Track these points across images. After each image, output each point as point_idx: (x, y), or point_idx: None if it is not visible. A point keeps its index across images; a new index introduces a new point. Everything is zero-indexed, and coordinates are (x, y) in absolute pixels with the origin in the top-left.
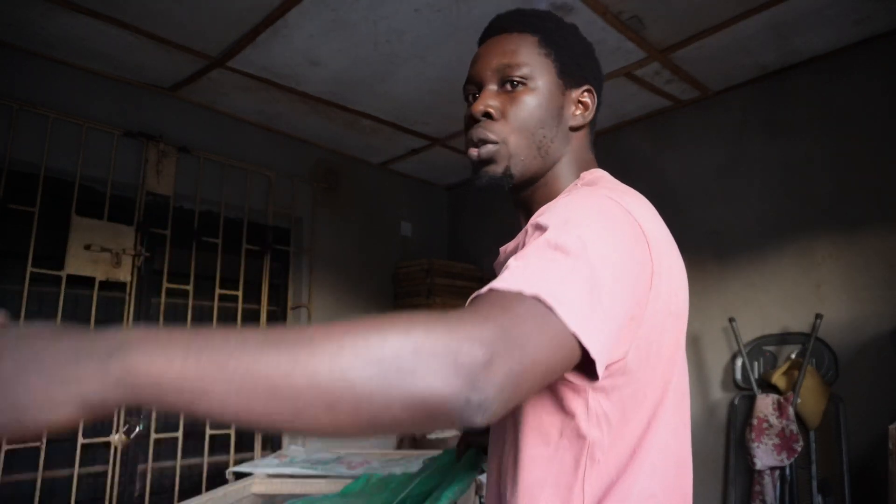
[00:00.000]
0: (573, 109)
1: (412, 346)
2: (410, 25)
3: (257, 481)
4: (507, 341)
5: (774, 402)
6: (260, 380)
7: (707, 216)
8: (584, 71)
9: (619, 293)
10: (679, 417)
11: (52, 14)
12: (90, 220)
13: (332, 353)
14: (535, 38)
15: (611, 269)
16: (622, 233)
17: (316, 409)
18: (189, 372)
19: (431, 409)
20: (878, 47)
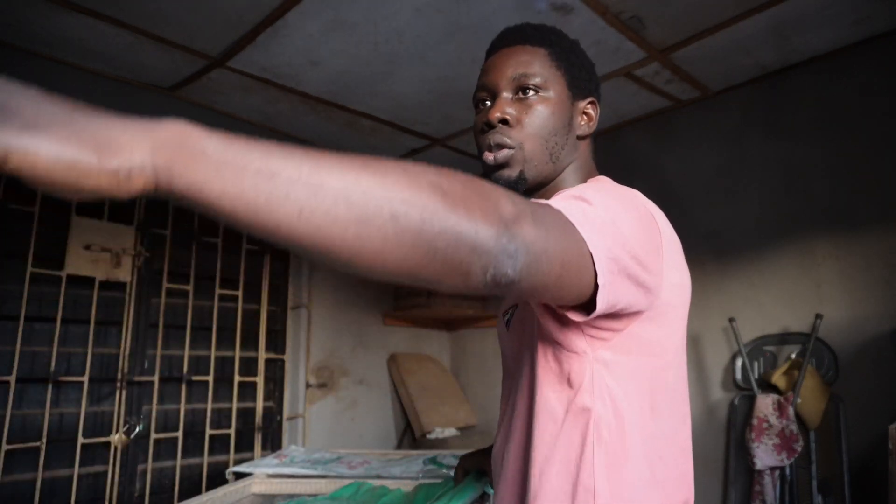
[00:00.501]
0: (580, 120)
1: (472, 188)
2: (410, 25)
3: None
4: (536, 218)
5: (774, 402)
6: (334, 200)
7: (707, 216)
8: (590, 84)
9: (633, 243)
10: (685, 405)
11: (52, 14)
12: (90, 220)
13: (408, 177)
14: (546, 52)
15: (626, 224)
16: (636, 208)
17: (385, 236)
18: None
19: (474, 244)
20: (878, 47)
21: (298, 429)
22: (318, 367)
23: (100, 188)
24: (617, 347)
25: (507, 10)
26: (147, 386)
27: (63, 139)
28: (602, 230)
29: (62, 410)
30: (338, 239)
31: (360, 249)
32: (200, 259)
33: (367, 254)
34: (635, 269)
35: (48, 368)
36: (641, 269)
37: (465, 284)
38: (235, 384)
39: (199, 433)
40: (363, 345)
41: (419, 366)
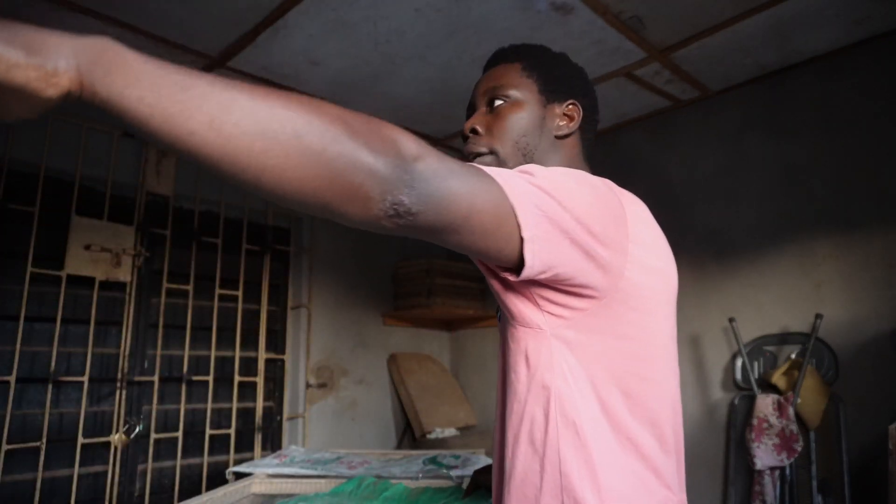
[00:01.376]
0: (558, 121)
1: (376, 126)
2: (410, 25)
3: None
4: (443, 160)
5: (774, 402)
6: (246, 116)
7: (707, 216)
8: (569, 88)
9: (581, 210)
10: (670, 397)
11: (52, 13)
12: (90, 220)
13: (315, 109)
14: (520, 65)
15: (577, 194)
16: (593, 185)
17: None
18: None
19: (371, 169)
20: (878, 47)
21: (298, 429)
22: (318, 367)
23: (28, 83)
24: (580, 327)
25: (507, 10)
26: (147, 386)
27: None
28: (532, 190)
29: (62, 410)
30: (244, 151)
31: (265, 164)
32: (200, 259)
33: (272, 170)
34: (581, 235)
35: (48, 368)
36: (591, 238)
37: (366, 212)
38: (235, 384)
39: (199, 433)
40: (363, 345)
41: (419, 366)
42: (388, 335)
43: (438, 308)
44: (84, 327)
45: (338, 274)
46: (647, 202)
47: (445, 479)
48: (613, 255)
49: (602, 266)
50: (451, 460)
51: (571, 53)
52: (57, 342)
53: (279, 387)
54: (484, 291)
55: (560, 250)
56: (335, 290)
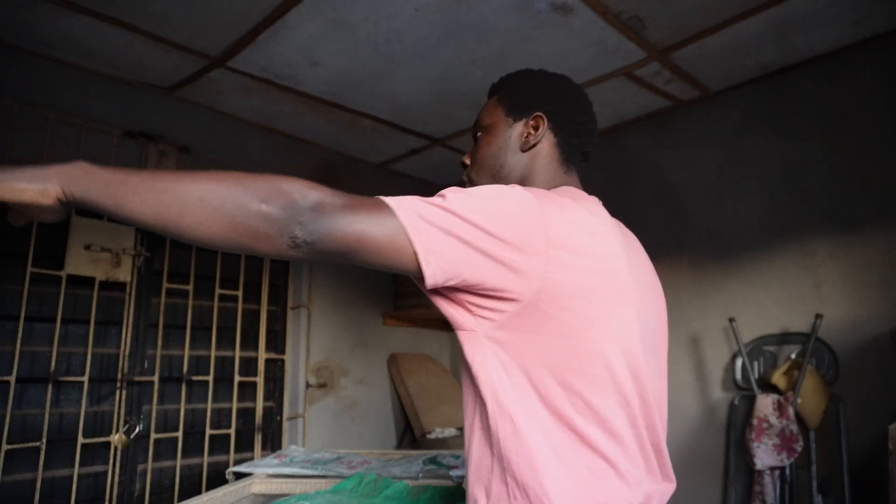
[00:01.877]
0: (523, 135)
1: (271, 183)
2: (410, 25)
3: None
4: (335, 202)
5: (774, 402)
6: (164, 194)
7: (707, 216)
8: (533, 101)
9: (487, 221)
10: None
11: (52, 14)
12: (90, 220)
13: (215, 179)
14: (496, 97)
15: (485, 206)
16: (510, 197)
17: (197, 213)
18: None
19: (265, 215)
20: (878, 47)
21: (298, 429)
22: (318, 367)
23: (33, 199)
24: (510, 327)
25: (507, 10)
26: (147, 386)
27: (11, 178)
28: (430, 210)
29: (62, 410)
30: (166, 216)
31: (182, 223)
32: (200, 259)
33: (188, 226)
34: (485, 243)
35: (48, 368)
36: (499, 244)
37: (271, 246)
38: (235, 384)
39: (199, 433)
40: (363, 345)
41: (419, 366)
42: (388, 335)
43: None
44: (84, 327)
45: (338, 274)
46: (647, 202)
47: (445, 479)
48: (530, 259)
49: (517, 270)
50: (451, 460)
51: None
52: (57, 342)
53: (279, 387)
54: None
55: (461, 259)
56: (335, 290)
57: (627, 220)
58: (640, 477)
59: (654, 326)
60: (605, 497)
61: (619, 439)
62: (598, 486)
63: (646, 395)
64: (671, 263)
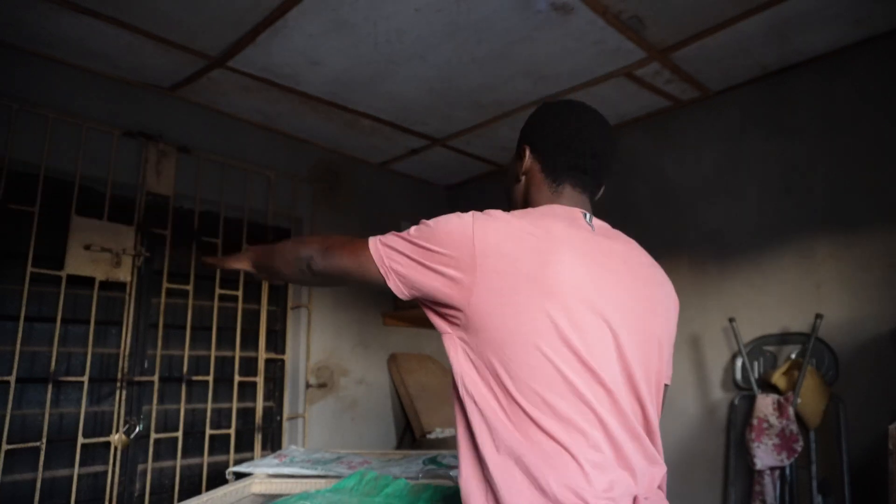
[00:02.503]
0: (517, 167)
1: (304, 243)
2: (410, 25)
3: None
4: (327, 250)
5: (774, 402)
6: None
7: (707, 216)
8: (523, 139)
9: (431, 245)
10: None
11: (52, 14)
12: (90, 220)
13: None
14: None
15: (426, 235)
16: (447, 224)
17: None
18: (264, 255)
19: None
20: (878, 47)
21: (298, 429)
22: (318, 367)
23: (242, 268)
24: (467, 329)
25: (507, 11)
26: (147, 386)
27: (230, 261)
28: (394, 240)
29: (62, 410)
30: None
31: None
32: (200, 259)
33: (280, 269)
34: (431, 262)
35: (48, 368)
36: (438, 258)
37: (303, 276)
38: (235, 384)
39: (199, 433)
40: (363, 345)
41: (419, 366)
42: (388, 335)
43: None
44: (84, 327)
45: None
46: (647, 202)
47: (445, 480)
48: (463, 269)
49: (455, 279)
50: (451, 460)
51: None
52: (57, 342)
53: (279, 387)
54: None
55: (414, 275)
56: (335, 290)
57: (627, 220)
58: (604, 463)
59: (639, 323)
60: (559, 478)
61: (572, 425)
62: (551, 467)
63: (614, 386)
64: (671, 263)
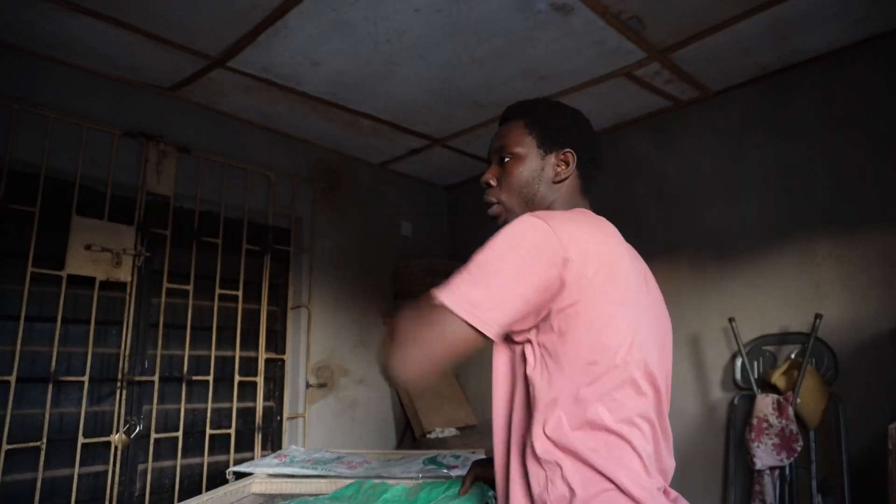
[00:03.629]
0: (555, 168)
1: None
2: (410, 25)
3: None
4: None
5: (774, 402)
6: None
7: (707, 216)
8: (564, 138)
9: (512, 289)
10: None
11: (52, 14)
12: (90, 220)
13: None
14: (522, 122)
15: (504, 275)
16: (525, 242)
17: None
18: None
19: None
20: (878, 47)
21: (298, 429)
22: (318, 367)
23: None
24: (553, 330)
25: (507, 10)
26: (147, 386)
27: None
28: (476, 298)
29: (62, 410)
30: None
31: None
32: (200, 259)
33: None
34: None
35: (48, 368)
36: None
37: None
38: (235, 384)
39: (199, 433)
40: (363, 345)
41: None
42: None
43: None
44: (84, 327)
45: (338, 274)
46: (647, 202)
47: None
48: (557, 274)
49: (548, 288)
50: (451, 460)
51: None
52: (57, 342)
53: (279, 387)
54: None
55: (508, 313)
56: (335, 290)
57: (627, 220)
58: (654, 456)
59: (662, 327)
60: (625, 471)
61: (633, 421)
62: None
63: (660, 383)
64: (671, 263)
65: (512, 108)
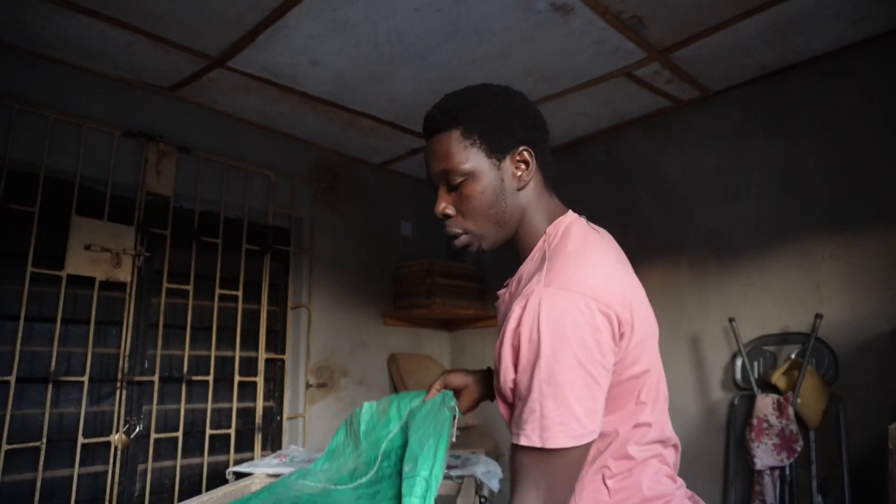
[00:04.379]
0: (514, 173)
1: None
2: (410, 25)
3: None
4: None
5: (774, 402)
6: None
7: (707, 216)
8: (514, 135)
9: (592, 391)
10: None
11: (52, 14)
12: (90, 220)
13: None
14: (458, 132)
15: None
16: (584, 337)
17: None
18: None
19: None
20: (878, 47)
21: (298, 429)
22: (318, 367)
23: None
24: None
25: (507, 10)
26: (147, 386)
27: None
28: (571, 423)
29: (62, 410)
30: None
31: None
32: (200, 259)
33: None
34: (601, 401)
35: (48, 368)
36: (604, 392)
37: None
38: (235, 384)
39: (199, 433)
40: (363, 345)
41: (419, 366)
42: (388, 335)
43: (438, 308)
44: (84, 327)
45: (338, 274)
46: (647, 202)
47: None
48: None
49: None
50: (450, 460)
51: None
52: (57, 342)
53: (279, 387)
54: (483, 291)
55: (601, 412)
56: (335, 290)
57: (627, 221)
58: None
59: (654, 329)
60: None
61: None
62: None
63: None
64: (671, 263)
65: (435, 117)
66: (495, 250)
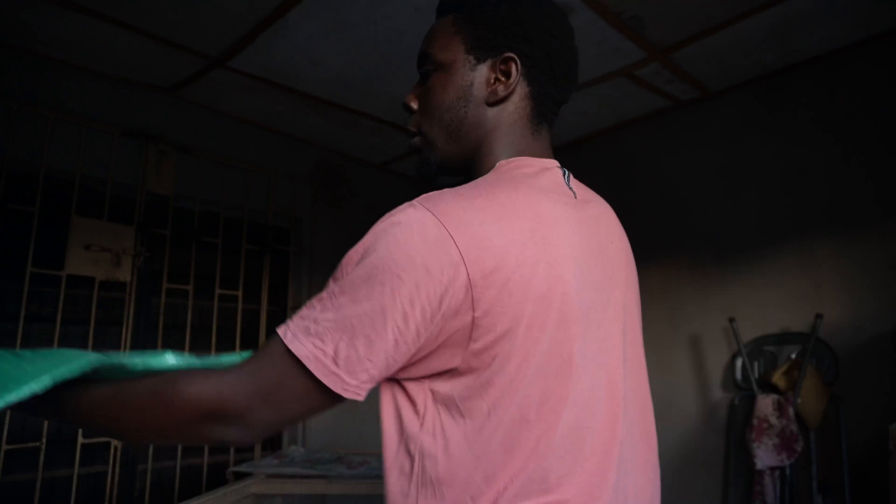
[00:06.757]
0: (488, 80)
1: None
2: (410, 25)
3: (257, 481)
4: (263, 400)
5: (774, 402)
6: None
7: (707, 216)
8: (507, 39)
9: (383, 335)
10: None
11: (52, 14)
12: (90, 220)
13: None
14: (451, 18)
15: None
16: (409, 264)
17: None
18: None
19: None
20: (878, 47)
21: (298, 429)
22: None
23: None
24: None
25: None
26: None
27: None
28: (341, 351)
29: None
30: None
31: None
32: (200, 259)
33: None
34: (391, 351)
35: None
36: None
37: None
38: None
39: None
40: None
41: None
42: None
43: None
44: (84, 327)
45: None
46: (647, 202)
47: None
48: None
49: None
50: None
51: None
52: (57, 342)
53: None
54: None
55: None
56: None
57: (627, 221)
58: None
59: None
60: None
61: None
62: None
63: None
64: (671, 263)
65: (442, 0)
66: (445, 172)
